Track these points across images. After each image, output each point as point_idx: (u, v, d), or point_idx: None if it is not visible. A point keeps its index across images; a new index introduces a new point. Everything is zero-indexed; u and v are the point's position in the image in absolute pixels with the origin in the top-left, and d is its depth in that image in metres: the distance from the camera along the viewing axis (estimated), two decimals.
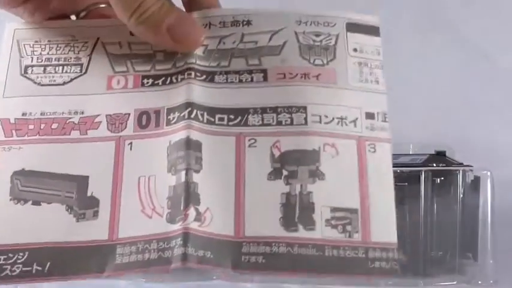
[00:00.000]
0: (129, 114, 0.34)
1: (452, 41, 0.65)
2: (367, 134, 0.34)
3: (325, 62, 0.35)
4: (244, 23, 0.36)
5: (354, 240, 0.32)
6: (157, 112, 0.34)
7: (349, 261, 0.31)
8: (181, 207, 0.31)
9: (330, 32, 0.36)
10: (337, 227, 0.32)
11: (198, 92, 0.34)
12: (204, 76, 0.35)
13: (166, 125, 0.33)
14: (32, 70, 0.35)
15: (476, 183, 0.48)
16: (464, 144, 0.55)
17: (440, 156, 0.52)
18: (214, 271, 0.30)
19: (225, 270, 0.30)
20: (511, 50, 0.65)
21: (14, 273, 0.31)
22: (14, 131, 0.34)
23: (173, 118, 0.33)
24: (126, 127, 0.34)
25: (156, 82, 0.35)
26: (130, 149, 0.33)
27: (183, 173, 0.32)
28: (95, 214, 0.32)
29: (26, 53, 0.36)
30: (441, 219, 0.47)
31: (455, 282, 0.46)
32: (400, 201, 0.47)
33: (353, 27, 0.36)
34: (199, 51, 0.35)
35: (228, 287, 0.30)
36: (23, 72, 0.35)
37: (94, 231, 0.32)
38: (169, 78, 0.35)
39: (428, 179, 0.47)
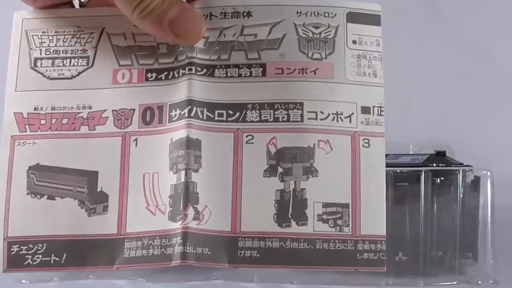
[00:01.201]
0: (134, 109, 0.36)
1: (452, 41, 0.63)
2: (361, 129, 0.35)
3: (323, 55, 0.35)
4: (245, 14, 0.36)
5: (344, 233, 0.34)
6: (160, 108, 0.35)
7: (338, 253, 0.34)
8: (181, 207, 0.33)
9: (330, 23, 0.36)
10: (328, 221, 0.34)
11: (199, 87, 0.35)
12: (205, 70, 0.35)
13: (169, 122, 0.35)
14: (41, 63, 0.37)
15: (476, 183, 0.47)
16: (464, 144, 0.55)
17: (440, 156, 0.52)
18: (212, 267, 0.33)
19: (222, 265, 0.33)
20: (511, 49, 0.63)
21: (35, 263, 0.34)
22: (27, 126, 0.36)
23: (175, 115, 0.35)
24: (131, 123, 0.35)
25: (159, 76, 0.36)
26: (136, 145, 0.35)
27: (183, 172, 0.34)
28: (105, 209, 0.35)
29: (35, 45, 0.37)
30: (441, 219, 0.47)
31: (455, 282, 0.46)
32: (400, 201, 0.47)
33: (353, 17, 0.36)
34: (200, 43, 0.36)
35: (228, 287, 0.33)
36: (32, 65, 0.37)
37: (104, 225, 0.34)
38: (171, 73, 0.36)
39: (428, 179, 0.47)
